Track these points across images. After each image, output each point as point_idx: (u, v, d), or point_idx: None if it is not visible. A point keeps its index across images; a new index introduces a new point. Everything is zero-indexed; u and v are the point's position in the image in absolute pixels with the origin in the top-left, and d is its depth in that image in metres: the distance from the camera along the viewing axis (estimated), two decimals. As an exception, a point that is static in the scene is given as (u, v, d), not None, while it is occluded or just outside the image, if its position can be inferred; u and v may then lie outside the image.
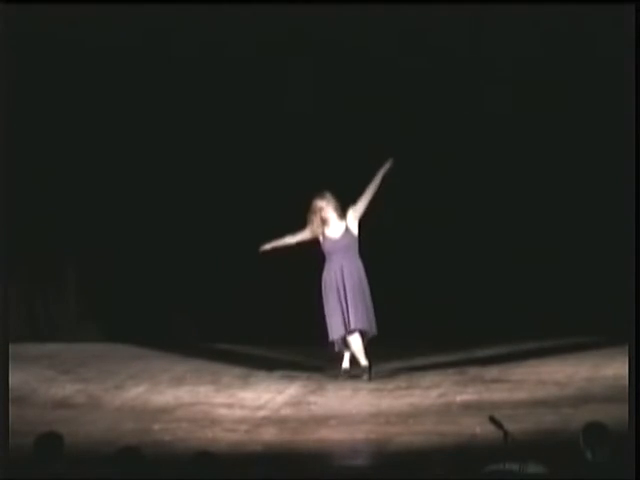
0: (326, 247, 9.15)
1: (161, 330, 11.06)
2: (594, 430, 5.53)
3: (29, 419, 7.32)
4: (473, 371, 8.79)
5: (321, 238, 9.15)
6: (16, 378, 8.42)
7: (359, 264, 9.16)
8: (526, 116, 10.32)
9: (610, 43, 9.52)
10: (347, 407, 7.91)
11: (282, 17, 10.11)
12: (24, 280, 11.11)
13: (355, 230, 9.17)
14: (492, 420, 5.84)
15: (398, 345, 9.51)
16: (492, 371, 8.81)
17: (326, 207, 9.11)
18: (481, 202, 10.35)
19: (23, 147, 10.51)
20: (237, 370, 9.69)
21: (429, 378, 8.79)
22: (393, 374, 9.12)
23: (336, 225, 9.14)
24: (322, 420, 7.33)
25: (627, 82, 7.82)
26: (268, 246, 9.21)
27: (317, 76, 10.49)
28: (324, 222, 9.10)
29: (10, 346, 7.47)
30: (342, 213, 9.12)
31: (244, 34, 10.43)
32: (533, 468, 5.40)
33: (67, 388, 8.73)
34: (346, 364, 9.14)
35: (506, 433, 5.83)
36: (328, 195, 9.14)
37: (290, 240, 9.24)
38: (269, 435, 6.72)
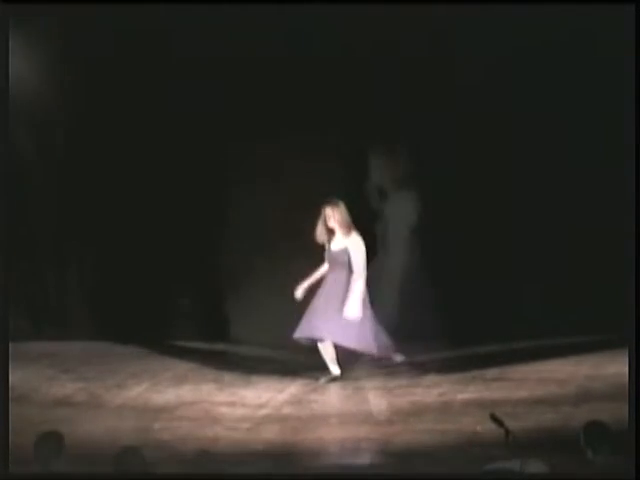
0: (327, 257, 9.16)
1: (162, 329, 11.07)
2: (595, 429, 5.55)
3: (30, 418, 7.31)
4: (474, 370, 8.78)
5: (326, 245, 9.13)
6: (17, 377, 8.42)
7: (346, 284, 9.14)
8: (524, 117, 10.32)
9: (610, 43, 9.52)
10: (348, 405, 7.92)
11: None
12: (24, 279, 11.11)
13: (350, 250, 9.11)
14: (493, 418, 5.85)
15: (398, 344, 9.52)
16: (493, 370, 8.80)
17: (332, 216, 9.07)
18: (482, 203, 10.36)
19: (22, 147, 10.53)
20: (238, 369, 9.72)
21: (430, 377, 8.80)
22: (394, 373, 9.15)
23: (339, 239, 9.12)
24: (323, 418, 7.34)
25: (627, 82, 7.82)
26: (302, 290, 9.20)
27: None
28: (329, 231, 9.08)
29: (11, 345, 7.47)
30: (348, 230, 9.06)
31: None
32: (534, 467, 5.40)
33: (68, 387, 8.72)
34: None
35: (507, 431, 5.84)
36: (338, 205, 9.11)
37: (321, 272, 9.24)
38: (270, 433, 6.71)
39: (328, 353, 9.09)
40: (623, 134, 8.11)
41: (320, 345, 9.08)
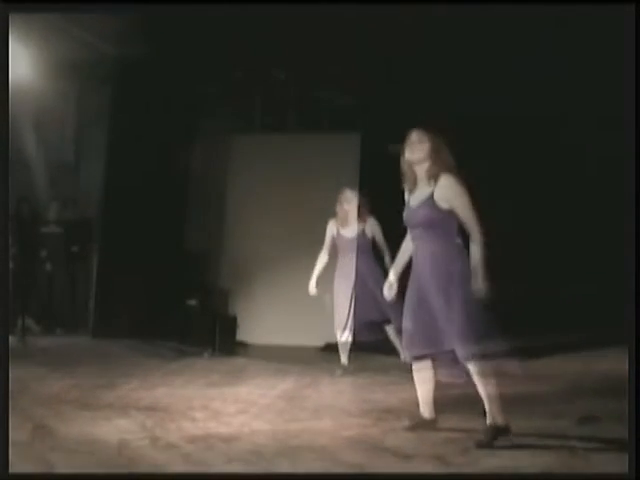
0: (340, 243, 9.17)
1: (155, 327, 11.07)
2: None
3: (21, 415, 7.26)
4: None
5: (335, 233, 9.15)
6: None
7: (375, 266, 9.12)
8: (524, 117, 10.31)
9: (610, 43, 9.49)
10: (341, 402, 7.90)
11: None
12: (21, 277, 11.14)
13: (369, 235, 9.14)
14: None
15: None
16: (484, 366, 8.74)
17: (350, 201, 9.06)
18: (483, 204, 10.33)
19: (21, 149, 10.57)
20: (230, 365, 9.76)
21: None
22: (387, 369, 9.19)
23: (353, 223, 9.09)
24: (316, 414, 7.31)
25: (627, 83, 7.79)
26: (314, 284, 9.10)
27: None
28: (345, 215, 9.07)
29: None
30: (363, 217, 9.08)
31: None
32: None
33: (59, 384, 8.69)
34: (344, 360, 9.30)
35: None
36: (360, 192, 9.11)
37: (322, 262, 9.21)
38: (263, 430, 6.67)
39: (349, 343, 9.14)
40: (623, 134, 8.08)
41: (347, 335, 9.10)
